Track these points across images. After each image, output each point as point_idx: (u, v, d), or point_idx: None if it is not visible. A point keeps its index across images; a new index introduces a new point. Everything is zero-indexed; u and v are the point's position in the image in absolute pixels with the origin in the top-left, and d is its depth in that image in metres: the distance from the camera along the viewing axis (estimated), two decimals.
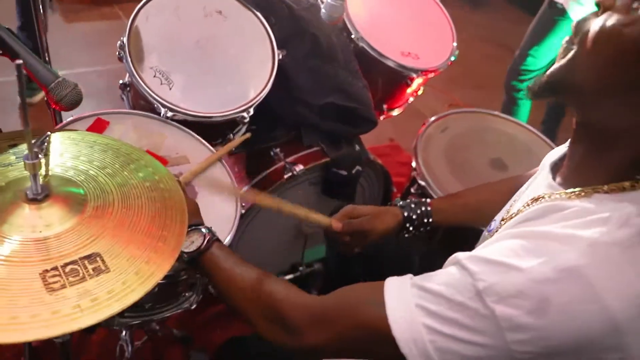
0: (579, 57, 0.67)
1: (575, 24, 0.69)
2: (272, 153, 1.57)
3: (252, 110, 1.34)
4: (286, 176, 1.50)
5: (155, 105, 1.27)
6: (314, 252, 1.81)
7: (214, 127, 1.36)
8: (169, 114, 1.27)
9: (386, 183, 1.83)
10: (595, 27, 0.64)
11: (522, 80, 2.53)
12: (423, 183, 1.57)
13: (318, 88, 1.51)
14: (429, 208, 1.15)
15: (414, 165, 1.62)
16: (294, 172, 1.49)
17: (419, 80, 1.74)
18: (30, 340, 0.61)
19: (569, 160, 0.76)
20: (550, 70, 0.71)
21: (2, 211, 0.74)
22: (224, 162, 1.30)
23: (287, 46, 1.47)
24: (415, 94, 1.88)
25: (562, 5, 2.27)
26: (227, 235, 1.15)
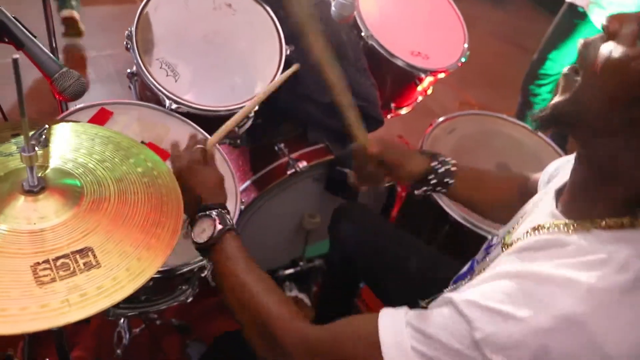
0: (583, 90, 0.65)
1: (580, 47, 0.66)
2: (276, 148, 1.57)
3: (257, 106, 1.34)
4: (289, 172, 1.50)
5: (161, 97, 1.27)
6: (315, 249, 1.82)
7: (219, 120, 1.35)
8: (174, 106, 1.27)
9: None
10: (601, 57, 0.62)
11: (540, 85, 2.47)
12: None
13: (325, 85, 1.50)
14: (453, 169, 1.12)
15: None
16: (297, 168, 1.49)
17: (428, 80, 1.72)
18: (18, 333, 0.62)
19: (570, 187, 0.75)
20: (553, 103, 0.69)
21: None
22: (220, 149, 1.29)
23: (295, 42, 1.46)
24: (424, 93, 1.86)
25: (582, 8, 2.21)
26: None
